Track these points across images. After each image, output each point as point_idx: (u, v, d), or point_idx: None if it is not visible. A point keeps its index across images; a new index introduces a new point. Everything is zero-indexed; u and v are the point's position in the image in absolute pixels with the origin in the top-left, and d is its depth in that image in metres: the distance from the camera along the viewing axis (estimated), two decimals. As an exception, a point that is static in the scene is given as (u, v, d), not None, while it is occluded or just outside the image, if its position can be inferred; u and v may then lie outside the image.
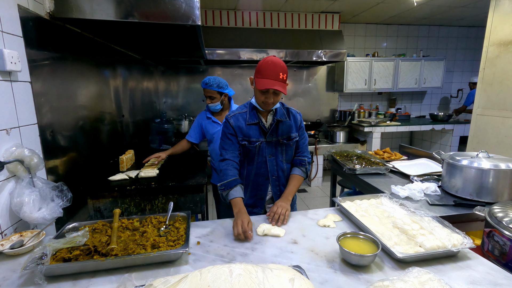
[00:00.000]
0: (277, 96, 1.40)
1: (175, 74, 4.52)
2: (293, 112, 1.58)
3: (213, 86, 2.10)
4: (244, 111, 1.52)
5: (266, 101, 1.39)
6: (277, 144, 1.52)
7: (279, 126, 1.51)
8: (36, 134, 1.39)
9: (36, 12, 1.42)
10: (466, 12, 4.51)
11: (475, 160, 1.53)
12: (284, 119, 1.51)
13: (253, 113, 1.50)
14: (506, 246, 1.10)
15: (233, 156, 1.48)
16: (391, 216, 1.26)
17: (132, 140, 2.91)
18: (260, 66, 1.37)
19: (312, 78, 5.00)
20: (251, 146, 1.49)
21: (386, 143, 5.52)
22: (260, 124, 1.49)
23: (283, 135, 1.52)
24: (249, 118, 1.49)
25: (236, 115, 1.51)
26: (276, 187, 1.58)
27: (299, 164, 1.58)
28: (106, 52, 2.37)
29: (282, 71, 1.34)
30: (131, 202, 1.71)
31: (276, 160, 1.54)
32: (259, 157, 1.52)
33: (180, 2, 1.57)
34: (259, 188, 1.56)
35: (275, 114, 1.50)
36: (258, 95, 1.41)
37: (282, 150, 1.54)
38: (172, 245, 1.06)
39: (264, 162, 1.53)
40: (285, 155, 1.56)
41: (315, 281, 0.91)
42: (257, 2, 4.00)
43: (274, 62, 1.35)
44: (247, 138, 1.49)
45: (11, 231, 1.20)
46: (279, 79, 1.34)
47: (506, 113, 2.46)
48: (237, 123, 1.49)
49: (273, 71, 1.33)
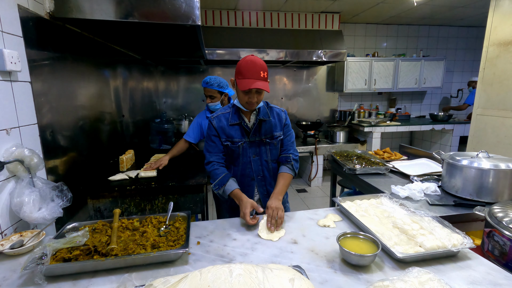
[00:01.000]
0: (260, 95, 1.40)
1: (175, 74, 4.52)
2: (277, 110, 1.57)
3: (214, 86, 2.12)
4: (227, 112, 1.52)
5: (250, 101, 1.39)
6: (261, 143, 1.52)
7: (262, 125, 1.51)
8: (36, 134, 1.39)
9: (36, 12, 1.42)
10: (466, 12, 4.51)
11: (475, 160, 1.52)
12: (267, 118, 1.51)
13: (236, 114, 1.50)
14: (506, 246, 1.10)
15: (218, 158, 1.51)
16: (391, 216, 1.26)
17: (132, 140, 2.91)
18: (239, 67, 1.37)
19: (312, 78, 5.00)
20: (234, 146, 1.50)
21: (386, 143, 5.52)
22: (243, 124, 1.49)
23: (266, 135, 1.52)
24: (231, 118, 1.49)
25: (219, 116, 1.52)
26: (262, 187, 1.58)
27: (284, 161, 1.56)
28: (106, 52, 2.37)
29: (262, 69, 1.35)
30: (131, 202, 1.71)
31: (261, 160, 1.54)
32: (243, 158, 1.53)
33: (180, 2, 1.57)
34: (246, 189, 1.54)
35: (258, 114, 1.50)
36: (241, 96, 1.41)
37: (266, 149, 1.54)
38: (172, 245, 1.06)
39: (249, 162, 1.53)
40: (269, 155, 1.55)
41: (315, 281, 0.91)
42: (257, 2, 4.00)
43: (254, 61, 1.35)
44: (230, 138, 1.49)
45: (11, 231, 1.20)
46: (261, 78, 1.34)
47: (506, 113, 2.46)
48: (220, 124, 1.50)
49: (254, 70, 1.33)
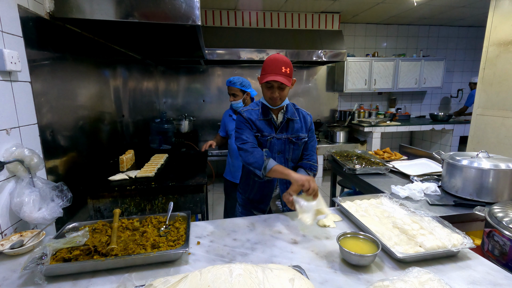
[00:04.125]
0: (283, 91, 1.42)
1: (175, 74, 4.52)
2: (303, 113, 1.60)
3: (236, 84, 2.29)
4: (256, 108, 1.55)
5: (272, 96, 1.42)
6: (286, 141, 1.54)
7: (289, 124, 1.54)
8: (36, 134, 1.39)
9: (36, 12, 1.42)
10: (466, 12, 4.51)
11: (475, 160, 1.52)
12: (294, 118, 1.54)
13: (265, 110, 1.53)
14: (506, 246, 1.10)
15: (254, 139, 1.48)
16: (391, 216, 1.26)
17: (132, 140, 2.91)
18: (264, 63, 1.42)
19: (312, 78, 5.00)
20: (263, 139, 1.51)
21: (386, 143, 5.52)
22: (272, 120, 1.52)
23: (292, 134, 1.54)
24: (261, 114, 1.52)
25: (249, 110, 1.55)
26: (283, 184, 1.59)
27: (308, 169, 1.55)
28: (106, 52, 2.37)
29: (285, 65, 1.37)
30: (131, 202, 1.71)
31: (284, 157, 1.56)
32: (270, 153, 1.54)
33: (180, 2, 1.57)
34: (266, 185, 1.57)
35: (285, 113, 1.53)
36: (265, 92, 1.45)
37: (290, 148, 1.55)
38: (172, 245, 1.06)
39: (274, 158, 1.53)
40: (292, 154, 1.57)
41: (315, 281, 0.91)
42: (257, 2, 4.00)
43: (276, 57, 1.39)
44: (260, 131, 1.51)
45: (11, 231, 1.20)
46: (282, 73, 1.36)
47: (506, 113, 2.46)
48: (250, 116, 1.52)
49: (275, 65, 1.37)
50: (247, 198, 1.67)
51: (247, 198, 1.67)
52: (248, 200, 1.67)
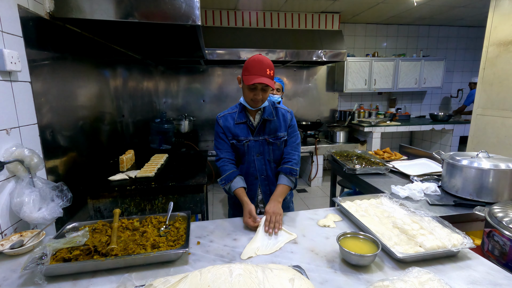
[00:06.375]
0: (265, 92, 1.42)
1: (175, 74, 4.52)
2: (282, 111, 1.58)
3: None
4: (234, 111, 1.55)
5: (255, 98, 1.40)
6: (264, 143, 1.54)
7: (266, 125, 1.53)
8: (36, 134, 1.39)
9: (36, 12, 1.42)
10: (466, 12, 4.51)
11: (475, 160, 1.52)
12: (271, 118, 1.53)
13: (242, 113, 1.53)
14: (506, 246, 1.10)
15: (228, 154, 1.54)
16: (391, 216, 1.26)
17: (132, 140, 2.91)
18: (247, 64, 1.40)
19: (312, 78, 5.00)
20: (239, 144, 1.52)
21: (386, 143, 5.52)
22: (248, 123, 1.52)
23: (270, 134, 1.53)
24: (238, 117, 1.52)
25: (226, 116, 1.55)
26: (265, 186, 1.59)
27: (288, 173, 1.49)
28: (106, 52, 2.37)
29: (269, 67, 1.37)
30: (131, 202, 1.71)
31: (264, 159, 1.56)
32: (248, 156, 1.55)
33: (180, 2, 1.57)
34: (249, 188, 1.57)
35: (263, 113, 1.53)
36: (247, 93, 1.43)
37: (270, 149, 1.55)
38: (172, 245, 1.06)
39: (253, 161, 1.55)
40: (272, 155, 1.57)
41: (315, 281, 0.91)
42: (257, 2, 4.00)
43: (261, 59, 1.38)
44: (235, 137, 1.52)
45: (11, 231, 1.20)
46: (266, 75, 1.36)
47: (506, 113, 2.46)
48: (225, 123, 1.53)
49: (260, 67, 1.36)
50: (233, 202, 1.69)
51: (233, 202, 1.69)
52: (234, 205, 1.68)
